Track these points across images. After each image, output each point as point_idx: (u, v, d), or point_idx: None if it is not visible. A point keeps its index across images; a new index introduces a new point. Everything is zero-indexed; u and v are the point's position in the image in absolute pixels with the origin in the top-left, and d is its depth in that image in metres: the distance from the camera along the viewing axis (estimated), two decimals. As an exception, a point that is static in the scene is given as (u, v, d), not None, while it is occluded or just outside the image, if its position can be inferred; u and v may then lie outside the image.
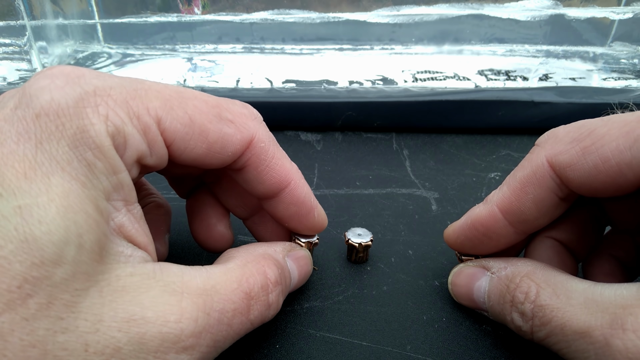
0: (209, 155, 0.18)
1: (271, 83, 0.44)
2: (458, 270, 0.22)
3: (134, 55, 0.52)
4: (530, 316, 0.17)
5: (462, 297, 0.21)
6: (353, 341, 0.20)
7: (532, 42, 0.49)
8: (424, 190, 0.32)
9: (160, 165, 0.17)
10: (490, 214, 0.20)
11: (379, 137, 0.39)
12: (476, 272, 0.21)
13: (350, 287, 0.23)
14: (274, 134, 0.21)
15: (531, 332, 0.17)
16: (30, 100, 0.14)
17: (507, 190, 0.19)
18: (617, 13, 0.46)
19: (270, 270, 0.18)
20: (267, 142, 0.19)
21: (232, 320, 0.16)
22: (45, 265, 0.12)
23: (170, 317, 0.14)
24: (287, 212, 0.21)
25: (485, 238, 0.20)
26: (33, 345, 0.12)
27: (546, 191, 0.18)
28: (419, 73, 0.47)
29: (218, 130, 0.18)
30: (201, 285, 0.16)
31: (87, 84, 0.15)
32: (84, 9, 0.50)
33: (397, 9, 0.48)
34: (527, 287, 0.18)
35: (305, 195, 0.21)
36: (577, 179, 0.17)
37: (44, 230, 0.12)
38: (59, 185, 0.13)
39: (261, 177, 0.20)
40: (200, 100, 0.18)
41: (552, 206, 0.19)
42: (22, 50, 0.45)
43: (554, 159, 0.18)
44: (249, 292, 0.17)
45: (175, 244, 0.26)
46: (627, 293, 0.15)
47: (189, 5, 0.49)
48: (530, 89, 0.39)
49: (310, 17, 0.48)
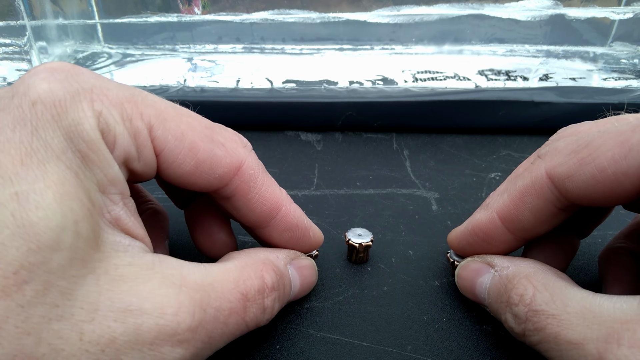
0: (196, 174, 0.18)
1: (271, 83, 0.44)
2: (465, 264, 0.22)
3: (134, 55, 0.52)
4: (523, 319, 0.17)
5: (466, 290, 0.22)
6: (353, 341, 0.20)
7: (533, 42, 0.49)
8: (424, 190, 0.32)
9: (147, 174, 0.17)
10: (489, 221, 0.20)
11: (379, 137, 0.39)
12: (481, 267, 0.21)
13: (351, 287, 0.23)
14: (273, 134, 0.21)
15: (523, 335, 0.17)
16: (28, 89, 0.14)
17: (507, 199, 0.20)
18: (617, 13, 0.46)
19: (268, 275, 0.18)
20: (256, 169, 0.19)
21: (228, 319, 0.16)
22: (42, 251, 0.12)
23: (168, 310, 0.14)
24: (283, 239, 0.21)
25: (485, 243, 0.21)
26: (28, 333, 0.12)
27: (544, 202, 0.18)
28: (419, 73, 0.47)
29: (208, 150, 0.18)
30: (199, 281, 0.16)
31: (86, 81, 0.15)
32: (84, 9, 0.50)
33: (397, 9, 0.48)
34: (524, 289, 0.18)
35: (299, 219, 0.21)
36: (576, 190, 0.17)
37: (41, 216, 0.12)
38: (55, 172, 0.13)
39: (251, 204, 0.19)
40: (194, 118, 0.18)
41: (550, 216, 0.19)
42: (22, 50, 0.45)
43: (552, 171, 0.18)
44: (245, 294, 0.17)
45: (174, 248, 0.26)
46: (627, 307, 0.14)
47: (189, 5, 0.49)
48: (531, 89, 0.39)
49: (310, 17, 0.48)
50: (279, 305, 0.19)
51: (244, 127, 0.22)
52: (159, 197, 0.25)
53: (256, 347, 0.20)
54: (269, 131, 0.39)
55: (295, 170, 0.34)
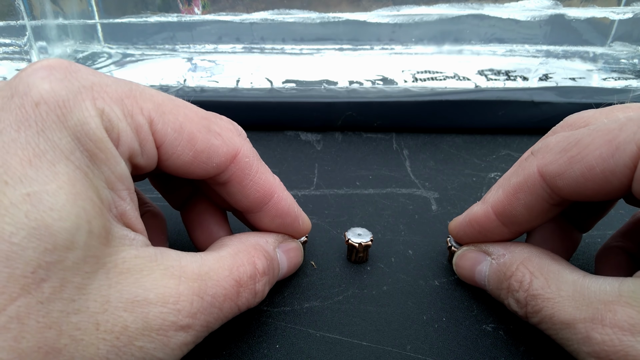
0: (194, 164, 0.18)
1: (271, 83, 0.44)
2: (461, 254, 0.23)
3: (134, 55, 0.52)
4: (524, 303, 0.18)
5: (465, 278, 0.23)
6: (353, 341, 0.20)
7: (532, 42, 0.49)
8: (424, 190, 0.32)
9: (149, 167, 0.18)
10: (485, 214, 0.21)
11: (379, 137, 0.39)
12: (478, 256, 0.22)
13: (350, 287, 0.23)
14: (273, 134, 0.21)
15: (526, 317, 0.19)
16: (29, 89, 0.14)
17: (501, 194, 0.20)
18: (617, 13, 0.46)
19: (259, 261, 0.19)
20: (251, 157, 0.20)
21: (223, 304, 0.17)
22: (58, 251, 0.13)
23: (170, 299, 0.15)
24: (273, 224, 0.22)
25: (481, 235, 0.22)
26: (49, 327, 0.13)
27: (537, 198, 0.19)
28: (419, 73, 0.47)
29: (206, 140, 0.18)
30: (196, 271, 0.17)
31: (85, 79, 0.16)
32: (84, 9, 0.50)
33: (397, 9, 0.48)
34: (522, 275, 0.19)
35: (289, 206, 0.22)
36: (567, 187, 0.17)
37: (56, 217, 0.13)
38: (65, 173, 0.14)
39: (245, 191, 0.20)
40: (190, 110, 0.18)
41: (542, 211, 0.19)
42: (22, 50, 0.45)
43: (544, 169, 0.18)
44: (238, 280, 0.18)
45: (174, 247, 0.26)
46: (609, 289, 0.16)
47: (189, 5, 0.49)
48: (530, 89, 0.39)
49: (310, 17, 0.48)
50: (269, 287, 0.20)
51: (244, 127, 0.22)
52: (152, 198, 0.25)
53: (256, 346, 0.20)
54: (269, 131, 0.39)
55: (295, 170, 0.34)
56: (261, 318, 0.22)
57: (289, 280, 0.24)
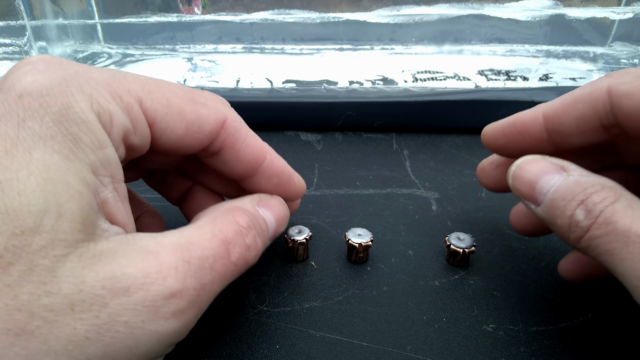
0: (188, 136, 0.19)
1: (271, 83, 0.44)
2: (527, 161, 0.20)
3: (134, 55, 0.52)
4: (596, 214, 0.16)
5: (522, 185, 0.20)
6: (353, 341, 0.20)
7: (532, 42, 0.49)
8: (424, 190, 0.32)
9: (143, 147, 0.18)
10: (532, 117, 0.21)
11: (379, 137, 0.39)
12: (550, 167, 0.19)
13: (351, 287, 0.23)
14: (273, 134, 0.21)
15: (588, 228, 0.17)
16: (13, 84, 0.15)
17: (558, 102, 0.20)
18: (617, 13, 0.46)
19: (240, 218, 0.19)
20: (238, 122, 0.20)
21: (214, 264, 0.16)
22: (25, 235, 0.13)
23: (151, 270, 0.15)
24: (270, 185, 0.22)
25: (519, 137, 0.21)
26: (19, 309, 0.13)
27: (593, 112, 0.19)
28: (419, 73, 0.47)
29: (194, 111, 0.19)
30: (176, 242, 0.16)
31: (69, 68, 0.16)
32: (84, 9, 0.50)
33: (397, 9, 0.48)
34: (606, 194, 0.17)
35: (283, 165, 0.22)
36: (628, 109, 0.18)
37: (24, 202, 0.13)
38: (40, 159, 0.14)
39: (239, 155, 0.21)
40: (174, 86, 0.19)
41: (590, 129, 0.19)
42: (22, 50, 0.45)
43: (614, 87, 0.18)
44: (224, 239, 0.17)
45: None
46: None
47: (189, 5, 0.49)
48: (531, 89, 0.39)
49: (310, 17, 0.48)
50: (261, 242, 0.19)
51: (243, 127, 0.22)
52: (149, 198, 0.25)
53: (256, 347, 0.20)
54: (269, 131, 0.39)
55: (295, 170, 0.34)
56: (261, 318, 0.22)
57: (289, 280, 0.24)
